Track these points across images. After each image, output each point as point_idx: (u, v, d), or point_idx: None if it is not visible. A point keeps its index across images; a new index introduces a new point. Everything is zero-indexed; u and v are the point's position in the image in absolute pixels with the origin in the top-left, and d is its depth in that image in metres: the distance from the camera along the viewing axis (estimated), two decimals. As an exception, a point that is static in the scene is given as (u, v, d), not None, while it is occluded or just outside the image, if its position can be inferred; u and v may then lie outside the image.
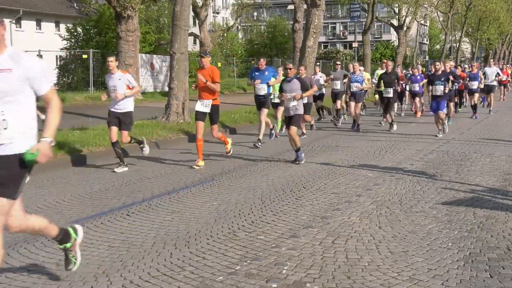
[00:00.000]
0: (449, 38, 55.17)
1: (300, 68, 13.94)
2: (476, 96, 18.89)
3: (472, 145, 12.29)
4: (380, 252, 5.16)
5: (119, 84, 9.33)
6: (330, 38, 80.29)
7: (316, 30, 20.96)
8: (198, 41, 36.58)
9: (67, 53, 29.28)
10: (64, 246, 4.33)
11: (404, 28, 40.16)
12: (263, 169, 9.49)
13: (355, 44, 38.79)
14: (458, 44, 57.97)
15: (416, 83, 19.22)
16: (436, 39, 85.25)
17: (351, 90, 15.50)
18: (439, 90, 13.55)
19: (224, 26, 55.85)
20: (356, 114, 15.28)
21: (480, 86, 19.28)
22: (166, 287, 4.38)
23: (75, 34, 30.46)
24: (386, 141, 13.00)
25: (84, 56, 25.13)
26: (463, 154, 10.94)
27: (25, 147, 3.72)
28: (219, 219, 6.28)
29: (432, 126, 15.31)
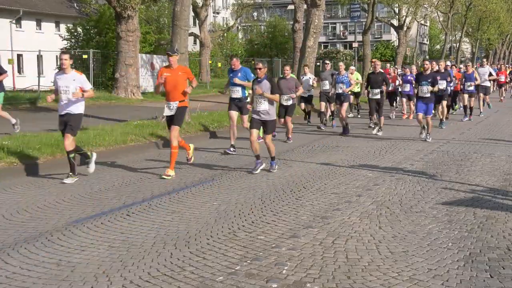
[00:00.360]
0: (449, 38, 55.20)
1: (285, 68, 13.21)
2: (472, 97, 18.07)
3: (472, 145, 12.29)
4: (380, 252, 5.16)
5: (73, 85, 8.42)
6: (330, 38, 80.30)
7: (316, 30, 20.97)
8: (198, 41, 36.60)
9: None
10: None
11: (404, 28, 40.19)
12: (263, 169, 9.48)
13: (355, 44, 38.79)
14: (458, 44, 57.97)
15: (407, 84, 18.34)
16: (436, 39, 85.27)
17: (336, 91, 14.67)
18: (425, 90, 12.83)
19: (224, 26, 55.92)
20: (342, 117, 14.45)
21: (473, 84, 18.21)
22: (166, 287, 4.38)
23: (75, 34, 30.42)
24: (386, 141, 13.00)
25: (84, 56, 25.10)
26: (463, 154, 10.94)
27: None
28: (219, 219, 6.28)
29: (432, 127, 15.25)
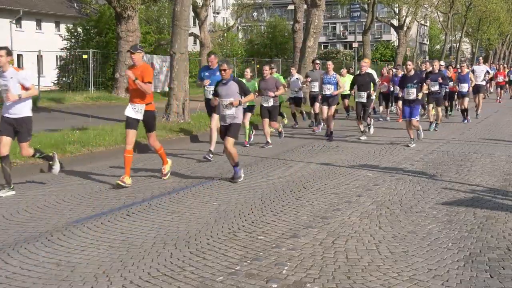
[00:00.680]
0: (449, 38, 55.22)
1: (264, 68, 12.45)
2: (466, 100, 17.22)
3: (472, 145, 12.29)
4: (380, 252, 5.16)
5: (11, 83, 7.71)
6: (330, 38, 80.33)
7: (316, 30, 20.98)
8: (198, 41, 36.59)
9: (67, 53, 29.29)
10: None
11: (404, 28, 40.25)
12: (263, 169, 9.49)
13: (355, 44, 38.78)
14: (458, 44, 58.01)
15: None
16: (436, 39, 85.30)
17: (323, 92, 13.61)
18: (411, 93, 12.05)
19: (224, 26, 55.89)
20: (328, 120, 13.49)
21: (469, 88, 17.48)
22: (166, 287, 4.38)
23: (75, 34, 30.46)
24: (386, 141, 13.00)
25: (84, 56, 25.14)
26: (463, 154, 10.94)
27: None
28: (219, 219, 6.28)
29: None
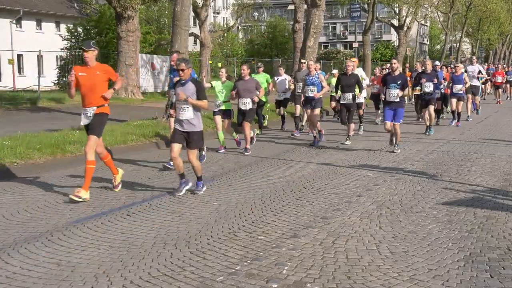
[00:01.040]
0: (449, 38, 55.20)
1: (242, 68, 11.51)
2: (461, 102, 16.36)
3: (473, 145, 12.29)
4: (381, 252, 5.16)
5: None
6: (331, 38, 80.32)
7: (316, 30, 20.98)
8: (198, 41, 36.61)
9: (68, 53, 29.32)
10: None
11: (405, 28, 40.23)
12: (263, 169, 9.49)
13: (355, 44, 38.84)
14: (458, 44, 58.02)
15: None
16: (437, 39, 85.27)
17: (306, 94, 12.55)
18: (393, 94, 11.11)
19: (225, 26, 55.90)
20: (312, 124, 12.56)
21: (463, 89, 16.39)
22: (167, 287, 4.38)
23: (76, 34, 30.49)
24: (386, 141, 12.97)
25: (85, 56, 25.12)
26: (464, 155, 10.93)
27: None
28: (220, 219, 6.28)
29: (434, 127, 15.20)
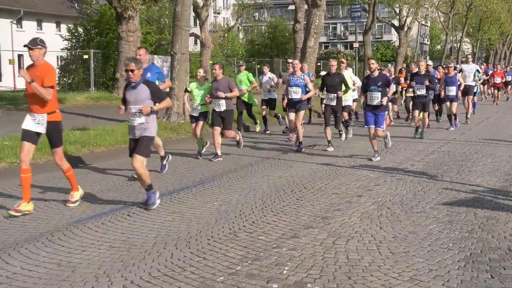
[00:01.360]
0: (450, 39, 55.18)
1: (214, 67, 10.68)
2: (455, 105, 15.40)
3: (473, 145, 12.28)
4: (381, 253, 5.16)
5: None
6: (331, 38, 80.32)
7: (317, 30, 20.97)
8: (199, 41, 36.60)
9: (68, 53, 29.33)
10: None
11: (405, 28, 40.21)
12: (264, 169, 9.49)
13: (356, 45, 38.79)
14: (459, 44, 57.98)
15: None
16: (437, 39, 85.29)
17: (290, 96, 11.59)
18: (374, 98, 10.31)
19: (225, 26, 55.92)
20: (296, 129, 11.65)
21: (458, 92, 15.68)
22: (167, 287, 4.38)
23: (76, 34, 30.51)
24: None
25: (85, 56, 25.17)
26: (464, 155, 10.93)
27: None
28: (220, 220, 6.28)
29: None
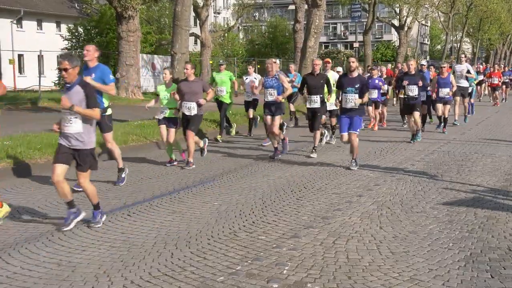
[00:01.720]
0: (450, 39, 55.18)
1: (185, 67, 9.76)
2: (447, 107, 14.72)
3: (473, 145, 12.28)
4: (381, 253, 5.16)
5: None
6: (331, 38, 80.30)
7: (317, 30, 20.96)
8: (199, 41, 36.61)
9: (68, 53, 29.32)
10: None
11: (405, 28, 40.24)
12: (264, 169, 9.49)
13: (356, 44, 38.85)
14: (459, 44, 57.98)
15: (374, 89, 14.67)
16: (437, 39, 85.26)
17: (265, 99, 10.80)
18: (350, 100, 9.47)
19: (225, 26, 55.90)
20: (272, 134, 10.67)
21: (450, 93, 14.80)
22: (167, 287, 4.38)
23: (76, 34, 30.53)
24: (387, 141, 12.98)
25: (85, 56, 25.15)
26: (464, 155, 10.93)
27: None
28: (220, 220, 6.28)
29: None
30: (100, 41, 28.26)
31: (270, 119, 10.75)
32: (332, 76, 12.13)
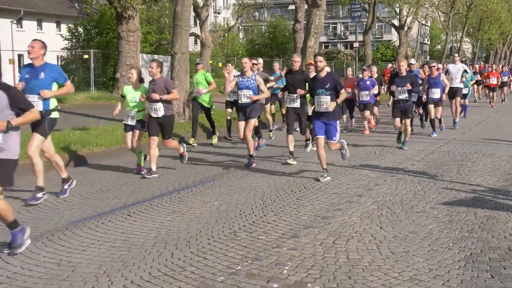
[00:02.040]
0: (450, 38, 55.17)
1: (151, 65, 8.97)
2: (439, 108, 14.26)
3: (473, 145, 12.28)
4: (381, 252, 5.16)
5: None
6: (331, 38, 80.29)
7: (317, 30, 20.95)
8: (199, 41, 36.60)
9: (68, 53, 29.32)
10: None
11: (405, 28, 40.25)
12: (264, 169, 9.49)
13: (356, 44, 38.83)
14: (459, 44, 57.98)
15: (365, 91, 14.43)
16: (437, 39, 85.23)
17: (239, 101, 9.97)
18: (322, 102, 8.51)
19: (225, 26, 55.90)
20: (245, 139, 9.87)
21: (444, 93, 14.35)
22: (167, 287, 4.38)
23: (76, 34, 30.50)
24: (387, 141, 12.98)
25: (85, 56, 25.15)
26: (464, 154, 10.93)
27: None
28: (220, 219, 6.28)
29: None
30: (100, 41, 28.24)
31: (243, 124, 9.82)
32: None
